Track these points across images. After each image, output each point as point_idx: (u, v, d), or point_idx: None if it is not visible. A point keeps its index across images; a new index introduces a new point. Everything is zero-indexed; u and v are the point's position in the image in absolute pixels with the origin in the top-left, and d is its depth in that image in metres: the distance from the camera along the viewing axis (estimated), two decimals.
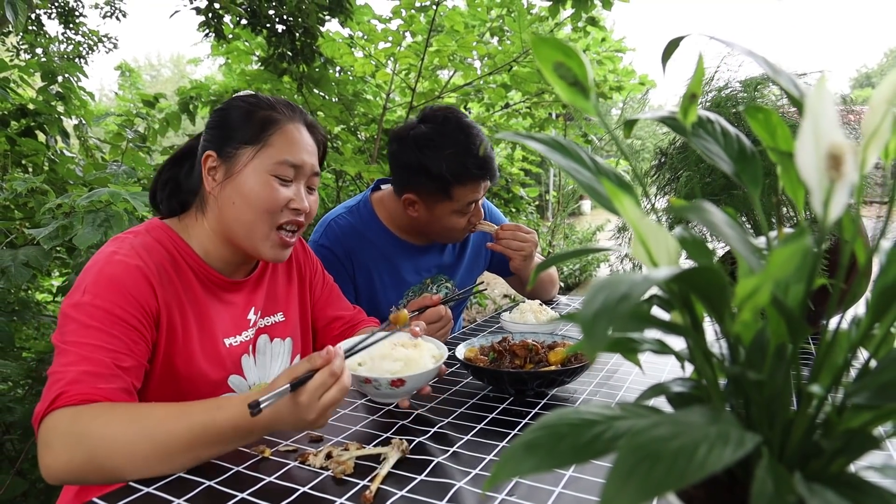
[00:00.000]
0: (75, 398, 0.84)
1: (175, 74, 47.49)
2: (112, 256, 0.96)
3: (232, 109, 1.10)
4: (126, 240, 1.01)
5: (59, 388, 0.84)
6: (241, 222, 1.06)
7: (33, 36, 5.55)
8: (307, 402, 0.83)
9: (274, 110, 1.09)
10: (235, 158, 1.06)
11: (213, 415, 0.83)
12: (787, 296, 0.38)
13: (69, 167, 2.32)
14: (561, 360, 1.11)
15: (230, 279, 1.13)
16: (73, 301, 0.92)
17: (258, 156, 1.06)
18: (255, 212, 1.05)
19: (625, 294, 0.29)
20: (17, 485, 1.71)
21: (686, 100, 0.40)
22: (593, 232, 8.15)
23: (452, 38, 3.59)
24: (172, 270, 1.03)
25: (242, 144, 1.06)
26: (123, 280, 0.94)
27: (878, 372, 0.39)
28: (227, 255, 1.12)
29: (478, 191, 1.52)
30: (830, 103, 0.32)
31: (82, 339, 0.89)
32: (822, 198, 0.32)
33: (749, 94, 1.29)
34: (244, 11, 3.16)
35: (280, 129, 1.08)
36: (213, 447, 0.84)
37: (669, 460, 0.29)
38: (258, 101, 1.11)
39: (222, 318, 1.10)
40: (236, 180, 1.06)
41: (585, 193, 0.39)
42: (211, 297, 1.09)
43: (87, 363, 0.87)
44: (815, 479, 0.35)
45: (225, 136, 1.07)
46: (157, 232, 1.06)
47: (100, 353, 0.88)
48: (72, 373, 0.86)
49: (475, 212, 1.59)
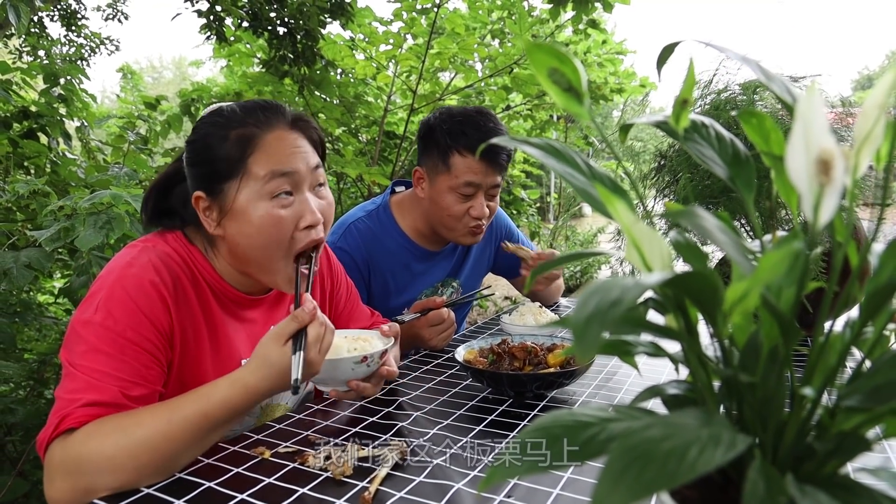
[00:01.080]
0: (77, 420, 0.82)
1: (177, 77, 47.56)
2: (127, 270, 0.92)
3: (204, 137, 1.00)
4: (144, 249, 0.96)
5: (63, 412, 0.83)
6: (254, 258, 1.00)
7: (36, 38, 5.57)
8: (312, 359, 0.87)
9: (245, 125, 0.98)
10: (223, 195, 0.98)
11: (205, 405, 0.84)
12: (779, 299, 0.38)
13: (71, 169, 2.33)
14: (560, 362, 1.11)
15: (248, 295, 1.08)
16: (84, 318, 0.88)
17: (244, 184, 0.97)
18: (264, 246, 0.98)
19: (617, 299, 0.29)
20: (19, 486, 1.71)
21: (677, 106, 0.40)
22: (594, 234, 8.15)
23: (453, 40, 3.60)
24: (189, 284, 0.99)
25: (225, 179, 0.98)
26: (137, 298, 0.90)
27: (871, 374, 0.40)
28: (246, 280, 1.07)
29: (477, 171, 1.50)
30: (820, 109, 0.33)
31: (91, 364, 0.85)
32: (812, 202, 0.33)
33: (748, 96, 1.29)
34: (245, 14, 3.17)
35: (258, 144, 0.98)
36: (214, 434, 0.85)
37: (660, 461, 0.30)
38: (225, 119, 1.00)
39: (240, 336, 1.07)
40: (232, 217, 0.98)
41: (580, 197, 0.39)
42: (228, 315, 1.05)
43: (95, 392, 0.84)
44: (807, 481, 0.35)
45: (207, 173, 0.99)
46: (176, 242, 1.02)
47: (108, 381, 0.85)
48: (79, 400, 0.83)
49: (475, 204, 1.54)
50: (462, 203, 1.54)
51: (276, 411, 1.14)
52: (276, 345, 0.87)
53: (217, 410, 0.84)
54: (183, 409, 0.83)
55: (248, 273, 1.04)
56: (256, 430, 0.98)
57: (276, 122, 1.01)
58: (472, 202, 1.55)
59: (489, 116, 1.55)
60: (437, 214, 1.58)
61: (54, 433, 0.82)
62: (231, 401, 0.84)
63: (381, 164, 3.83)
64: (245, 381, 0.86)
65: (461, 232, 1.59)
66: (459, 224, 1.57)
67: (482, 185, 1.53)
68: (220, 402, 0.84)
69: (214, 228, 1.00)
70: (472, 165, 1.50)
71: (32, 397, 2.02)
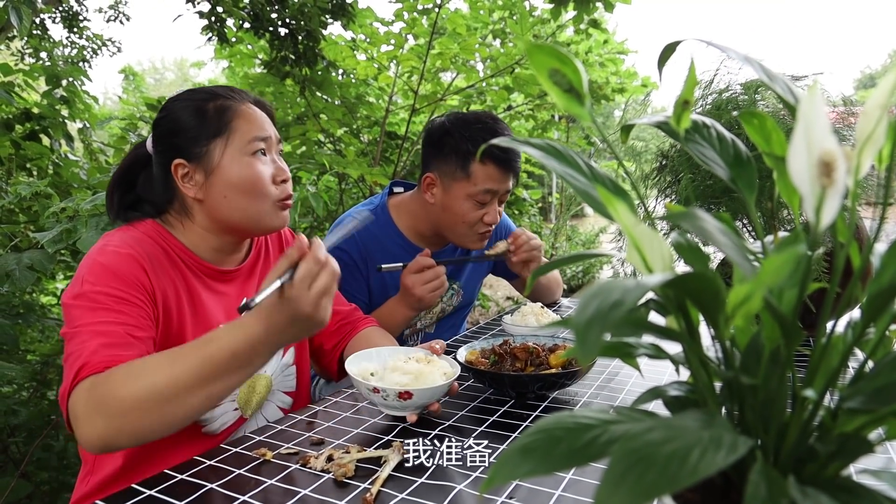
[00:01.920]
0: (98, 366, 0.86)
1: (178, 78, 47.65)
2: (104, 248, 0.99)
3: (179, 111, 1.08)
4: (115, 234, 1.04)
5: (81, 362, 0.87)
6: (240, 210, 1.07)
7: (38, 40, 5.58)
8: (298, 295, 0.84)
9: (223, 98, 1.09)
10: (208, 155, 1.06)
11: (207, 349, 0.85)
12: (780, 301, 0.38)
13: (73, 171, 2.33)
14: (562, 363, 1.11)
15: (221, 268, 1.13)
16: (73, 293, 0.94)
17: (230, 143, 1.06)
18: (249, 195, 1.07)
19: (618, 301, 0.29)
20: (22, 487, 1.71)
21: (678, 107, 0.40)
22: (596, 234, 8.15)
23: (455, 40, 3.60)
24: (165, 259, 1.05)
25: (210, 139, 1.06)
26: (118, 266, 0.96)
27: (873, 376, 0.39)
28: (221, 245, 1.13)
29: (496, 179, 1.51)
30: (822, 110, 0.33)
31: (92, 319, 0.91)
32: (814, 204, 0.33)
33: (749, 96, 1.29)
34: (247, 15, 3.17)
35: (237, 113, 1.08)
36: (219, 380, 0.86)
37: (662, 464, 0.30)
38: (201, 94, 1.10)
39: (217, 308, 1.11)
40: (219, 175, 1.06)
41: (581, 199, 0.39)
42: (203, 288, 1.10)
43: (102, 336, 0.89)
44: (809, 483, 0.35)
45: (186, 140, 1.06)
46: (147, 226, 1.08)
47: (112, 327, 0.91)
48: (89, 347, 0.88)
49: (490, 210, 1.55)
50: (478, 210, 1.55)
51: (257, 381, 1.15)
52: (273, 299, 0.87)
53: (219, 353, 0.85)
54: (186, 356, 0.85)
55: (234, 229, 1.10)
56: (258, 432, 0.98)
57: (244, 99, 1.12)
58: (487, 209, 1.56)
59: (500, 122, 1.57)
60: (449, 220, 1.58)
61: (74, 381, 0.86)
62: (232, 343, 0.86)
63: (382, 164, 3.83)
64: (242, 324, 0.87)
65: (471, 238, 1.60)
66: (471, 231, 1.58)
67: (499, 192, 1.55)
68: (220, 347, 0.85)
69: (196, 192, 1.07)
70: (491, 173, 1.51)
71: (35, 399, 2.02)
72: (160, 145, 1.09)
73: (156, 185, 1.11)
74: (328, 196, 3.95)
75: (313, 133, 3.50)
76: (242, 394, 1.13)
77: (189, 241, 1.10)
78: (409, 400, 0.96)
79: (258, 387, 1.16)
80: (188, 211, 1.10)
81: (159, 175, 1.10)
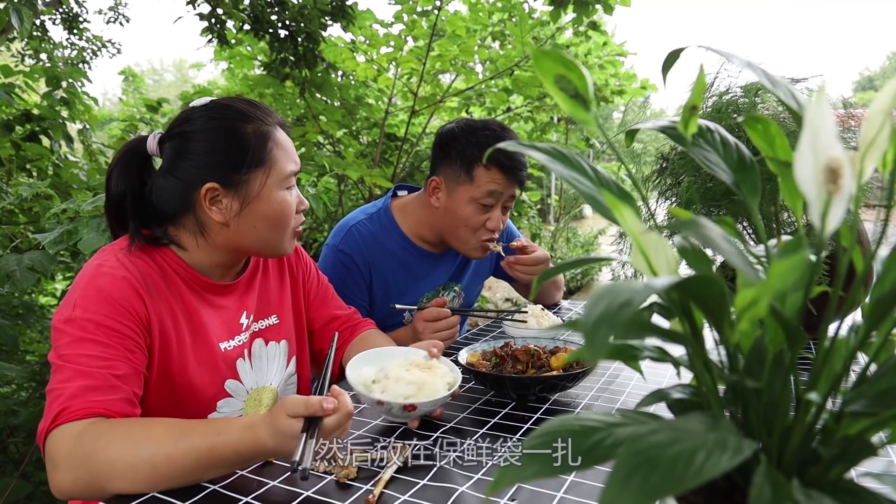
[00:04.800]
0: (77, 413, 0.84)
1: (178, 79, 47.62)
2: (99, 269, 0.96)
3: (212, 130, 1.02)
4: (111, 253, 1.01)
5: (60, 404, 0.85)
6: (262, 241, 1.08)
7: (38, 42, 5.57)
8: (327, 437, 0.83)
9: (258, 121, 1.05)
10: (247, 185, 1.03)
11: (214, 440, 0.81)
12: (785, 304, 0.38)
13: (73, 172, 2.34)
14: (563, 365, 1.12)
15: (219, 283, 1.11)
16: (64, 316, 0.92)
17: (270, 175, 1.04)
18: (277, 231, 1.08)
19: (625, 302, 0.29)
20: (22, 488, 1.71)
21: (686, 111, 0.41)
22: (595, 236, 8.15)
23: (454, 42, 3.61)
24: (160, 279, 1.02)
25: (252, 169, 1.02)
26: (111, 291, 0.94)
27: (876, 379, 0.40)
28: (222, 261, 1.10)
29: (499, 182, 1.52)
30: (829, 117, 0.33)
31: (77, 352, 0.89)
32: (820, 210, 0.33)
33: (750, 99, 1.29)
34: (247, 17, 3.18)
35: (274, 140, 1.05)
36: (213, 470, 0.82)
37: (667, 466, 0.30)
38: (235, 113, 1.04)
39: (215, 323, 1.09)
40: (255, 206, 1.04)
41: (587, 203, 0.39)
42: (202, 303, 1.07)
43: (84, 377, 0.87)
44: (813, 486, 0.35)
45: (225, 164, 1.01)
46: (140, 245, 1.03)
47: (95, 364, 0.88)
48: (70, 389, 0.86)
49: (492, 216, 1.56)
50: (480, 214, 1.55)
51: (262, 394, 1.16)
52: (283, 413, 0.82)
53: (223, 449, 0.81)
54: (192, 437, 0.82)
55: (246, 252, 1.11)
56: None
57: (275, 122, 1.09)
58: (489, 214, 1.56)
59: (507, 129, 1.58)
60: (452, 225, 1.58)
61: (52, 424, 0.84)
62: (239, 444, 0.82)
63: (381, 166, 3.83)
64: (256, 431, 0.82)
65: (473, 245, 1.60)
66: (473, 237, 1.58)
67: (502, 196, 1.55)
68: (228, 443, 0.82)
69: (224, 218, 1.03)
70: (495, 176, 1.52)
71: (34, 399, 2.02)
72: (185, 159, 1.02)
73: (166, 196, 1.03)
74: (327, 197, 3.96)
75: (313, 134, 3.50)
76: (249, 409, 1.13)
77: (192, 258, 1.07)
78: (413, 411, 0.97)
79: (264, 399, 1.15)
80: (205, 231, 1.05)
81: (175, 188, 1.02)
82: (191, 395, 1.03)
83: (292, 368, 1.25)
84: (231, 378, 1.10)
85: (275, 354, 1.20)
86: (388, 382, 1.01)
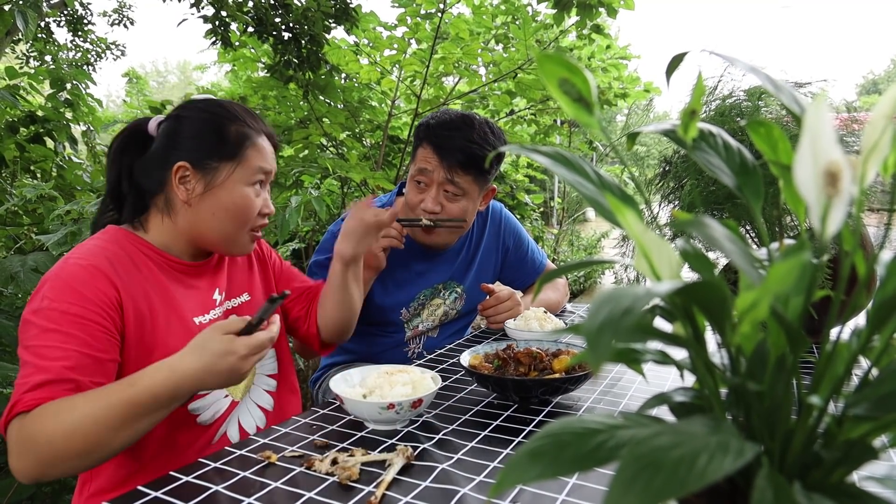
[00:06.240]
0: (29, 404, 0.89)
1: (181, 81, 47.74)
2: (66, 262, 1.00)
3: (202, 120, 1.12)
4: (81, 246, 1.05)
5: (15, 398, 0.90)
6: (219, 231, 1.12)
7: (42, 44, 5.60)
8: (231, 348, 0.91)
9: (245, 124, 1.13)
10: (216, 173, 1.10)
11: (128, 391, 0.88)
12: (787, 308, 0.39)
13: (77, 173, 2.35)
14: (565, 367, 1.12)
15: (189, 263, 1.16)
16: (32, 307, 0.96)
17: (238, 170, 1.11)
18: (234, 222, 1.12)
19: (628, 307, 0.30)
20: (24, 489, 1.72)
21: (686, 116, 0.41)
22: (598, 239, 8.15)
23: (457, 45, 3.61)
24: (130, 263, 1.06)
25: (223, 160, 1.10)
26: (79, 278, 0.98)
27: (878, 383, 0.40)
28: (188, 249, 1.15)
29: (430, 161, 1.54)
30: (828, 121, 0.33)
31: (38, 343, 0.93)
32: (819, 213, 0.33)
33: (752, 103, 1.29)
34: (251, 19, 3.18)
35: (253, 142, 1.13)
36: (142, 419, 0.89)
37: (670, 469, 0.30)
38: (225, 111, 1.13)
39: (188, 300, 1.13)
40: (217, 194, 1.10)
41: (590, 206, 0.40)
42: (173, 282, 1.12)
43: (41, 372, 0.91)
44: (815, 490, 0.35)
45: (200, 149, 1.10)
46: (111, 233, 1.09)
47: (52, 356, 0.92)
48: (28, 383, 0.90)
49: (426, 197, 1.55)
50: (417, 194, 1.57)
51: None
52: (216, 333, 0.91)
53: (142, 396, 0.88)
54: (111, 396, 0.88)
55: (204, 242, 1.15)
56: (263, 435, 0.99)
57: (261, 130, 1.17)
58: (423, 195, 1.56)
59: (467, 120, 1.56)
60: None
61: (8, 416, 0.90)
62: (154, 386, 0.89)
63: (385, 168, 3.84)
64: (171, 364, 0.90)
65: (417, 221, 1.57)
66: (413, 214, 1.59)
67: (434, 180, 1.54)
68: (144, 389, 0.89)
69: (187, 197, 1.10)
70: (427, 155, 1.54)
71: None
72: (170, 139, 1.12)
73: (148, 169, 1.12)
74: (330, 200, 3.97)
75: (316, 137, 3.50)
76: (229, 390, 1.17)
77: (160, 239, 1.12)
78: (420, 406, 1.00)
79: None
80: (172, 209, 1.12)
81: (154, 162, 1.12)
82: None
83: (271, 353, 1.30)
84: None
85: None
86: (384, 391, 1.03)
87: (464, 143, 1.52)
